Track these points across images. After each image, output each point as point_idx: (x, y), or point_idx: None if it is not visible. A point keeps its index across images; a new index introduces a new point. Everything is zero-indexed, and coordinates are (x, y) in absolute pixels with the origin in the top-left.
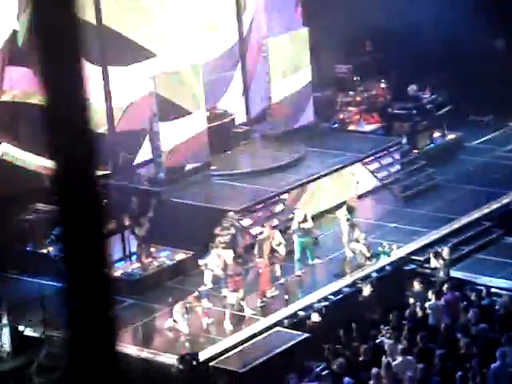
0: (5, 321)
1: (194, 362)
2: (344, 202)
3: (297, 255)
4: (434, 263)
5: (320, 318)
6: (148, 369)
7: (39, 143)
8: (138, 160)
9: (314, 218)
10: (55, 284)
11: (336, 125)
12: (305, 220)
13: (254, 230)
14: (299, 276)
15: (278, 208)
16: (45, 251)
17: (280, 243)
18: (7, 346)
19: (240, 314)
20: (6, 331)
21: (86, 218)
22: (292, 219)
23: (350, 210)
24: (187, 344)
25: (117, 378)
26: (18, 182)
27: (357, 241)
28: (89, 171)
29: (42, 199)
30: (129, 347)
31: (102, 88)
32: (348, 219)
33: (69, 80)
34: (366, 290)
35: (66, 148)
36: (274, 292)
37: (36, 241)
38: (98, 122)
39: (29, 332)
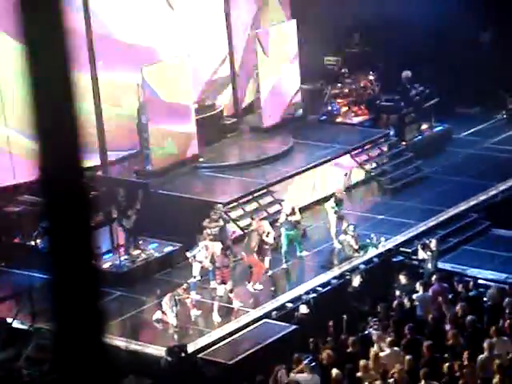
0: None
1: (183, 354)
2: (332, 194)
3: (284, 248)
4: (421, 255)
5: (308, 310)
6: (136, 361)
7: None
8: (126, 152)
9: (301, 210)
10: (43, 276)
11: (324, 117)
12: (293, 213)
13: (243, 222)
14: (286, 268)
15: (266, 200)
16: (33, 243)
17: (269, 233)
18: None
19: (229, 306)
20: None
21: (73, 210)
22: (280, 212)
23: (338, 202)
24: (176, 336)
25: (105, 370)
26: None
27: (345, 233)
28: (76, 163)
29: (30, 191)
30: (117, 339)
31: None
32: (336, 211)
33: (56, 70)
34: (355, 282)
35: (52, 139)
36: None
37: (24, 233)
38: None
39: (17, 324)
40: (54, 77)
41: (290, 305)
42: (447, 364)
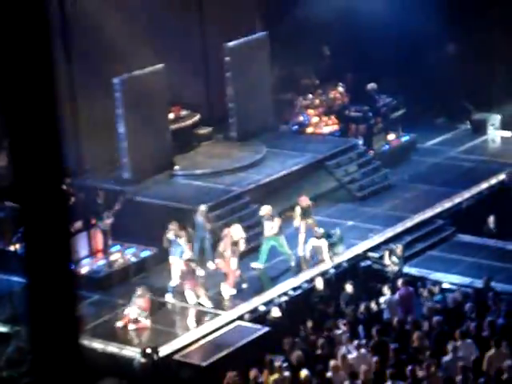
0: None
1: (155, 356)
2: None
3: (263, 255)
4: (388, 260)
5: (280, 313)
6: (113, 363)
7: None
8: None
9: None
10: (23, 281)
11: (295, 127)
12: (271, 219)
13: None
14: (255, 270)
15: (239, 207)
16: (12, 248)
17: (240, 238)
18: None
19: (202, 309)
20: None
21: (50, 215)
22: (256, 218)
23: (305, 209)
24: (151, 338)
25: (81, 371)
26: None
27: (317, 238)
28: (54, 170)
29: (9, 197)
30: (94, 341)
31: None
32: (303, 218)
33: (37, 76)
34: (319, 285)
35: (31, 146)
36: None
37: (4, 238)
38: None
39: None
40: (30, 78)
41: (262, 308)
42: (409, 367)
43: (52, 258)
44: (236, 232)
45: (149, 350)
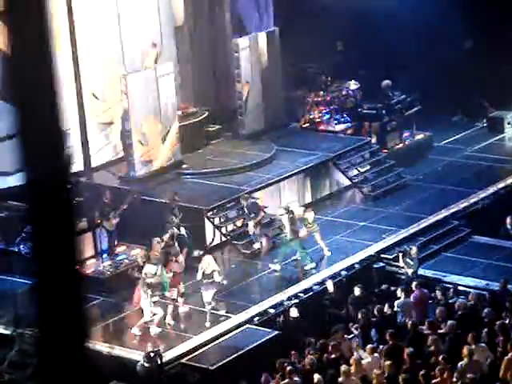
0: None
1: (159, 360)
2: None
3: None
4: (402, 262)
5: (298, 314)
6: (119, 366)
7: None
8: (110, 158)
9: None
10: (27, 282)
11: (307, 124)
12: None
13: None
14: (276, 271)
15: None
16: (16, 249)
17: (213, 270)
18: None
19: (213, 312)
20: None
21: (56, 216)
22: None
23: (304, 220)
24: (158, 341)
25: (87, 374)
26: None
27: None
28: (60, 170)
29: (13, 197)
30: (100, 344)
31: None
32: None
33: (41, 77)
34: (330, 288)
35: (37, 147)
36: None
37: (8, 239)
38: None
39: (0, 329)
40: (37, 75)
41: (272, 310)
42: (423, 372)
43: (59, 258)
44: (209, 264)
45: (152, 354)
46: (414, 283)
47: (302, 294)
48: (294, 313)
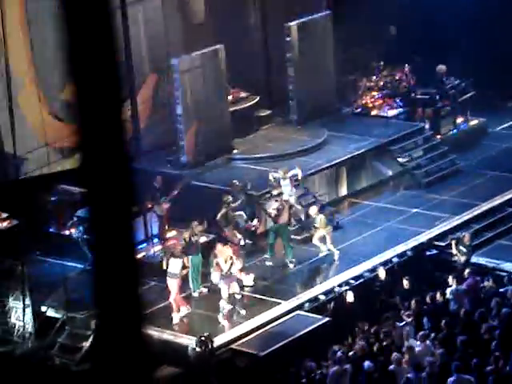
0: (28, 301)
1: (210, 345)
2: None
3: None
4: (455, 249)
5: (353, 299)
6: (168, 350)
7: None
8: (161, 143)
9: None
10: (78, 266)
11: (359, 109)
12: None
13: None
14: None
15: (300, 192)
16: (67, 233)
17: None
18: (30, 327)
19: (261, 298)
20: (28, 312)
21: (115, 199)
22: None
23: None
24: (207, 326)
25: (144, 359)
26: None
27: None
28: (119, 152)
29: (65, 180)
30: (150, 329)
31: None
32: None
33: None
34: (381, 275)
35: (97, 131)
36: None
37: (59, 222)
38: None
39: (51, 313)
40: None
41: (322, 297)
42: (475, 360)
43: (117, 242)
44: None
45: (203, 339)
46: (467, 271)
47: (352, 281)
48: (350, 297)
